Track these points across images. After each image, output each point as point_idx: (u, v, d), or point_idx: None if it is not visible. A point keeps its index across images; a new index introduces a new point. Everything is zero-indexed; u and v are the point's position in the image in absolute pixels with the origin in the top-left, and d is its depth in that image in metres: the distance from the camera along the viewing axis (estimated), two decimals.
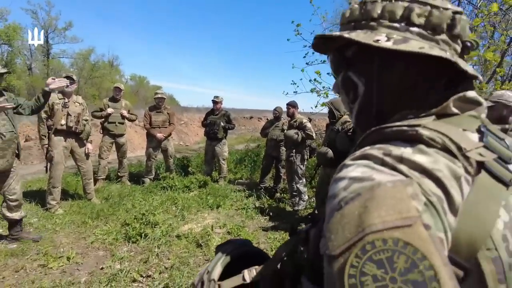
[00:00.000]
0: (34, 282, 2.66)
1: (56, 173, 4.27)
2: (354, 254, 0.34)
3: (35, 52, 35.94)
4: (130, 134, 9.81)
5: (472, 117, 0.50)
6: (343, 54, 0.59)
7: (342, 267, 0.34)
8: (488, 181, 0.41)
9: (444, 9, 0.50)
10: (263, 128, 5.95)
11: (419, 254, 0.32)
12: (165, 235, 3.54)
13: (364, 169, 0.41)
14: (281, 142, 5.52)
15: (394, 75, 0.54)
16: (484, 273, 0.38)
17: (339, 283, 0.34)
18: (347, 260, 0.34)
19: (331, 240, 0.37)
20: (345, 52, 0.58)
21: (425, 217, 0.35)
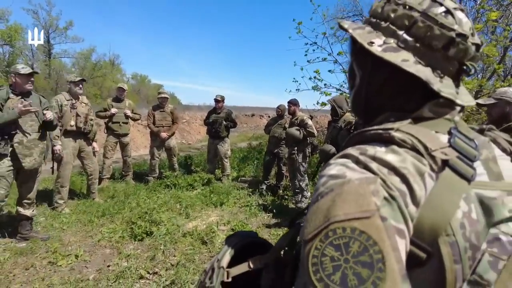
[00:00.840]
0: (44, 279, 2.73)
1: (65, 172, 4.34)
2: (319, 239, 0.41)
3: (36, 52, 36.03)
4: (133, 133, 9.88)
5: (446, 120, 0.56)
6: (355, 44, 0.63)
7: (309, 249, 0.42)
8: (451, 176, 0.47)
9: (448, 29, 0.53)
10: (267, 125, 6.02)
11: (371, 241, 0.39)
12: (170, 232, 3.60)
13: (340, 167, 0.48)
14: (283, 140, 5.59)
15: (380, 78, 0.60)
16: (442, 255, 0.44)
17: (305, 263, 0.41)
18: (313, 243, 0.41)
19: (306, 228, 0.44)
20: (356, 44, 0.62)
21: (383, 211, 0.41)
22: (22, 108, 2.95)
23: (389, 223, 0.41)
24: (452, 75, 0.56)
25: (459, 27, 0.54)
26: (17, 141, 3.11)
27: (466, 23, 0.55)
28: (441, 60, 0.55)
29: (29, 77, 3.19)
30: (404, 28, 0.56)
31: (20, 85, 3.16)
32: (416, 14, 0.55)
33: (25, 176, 3.33)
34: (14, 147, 3.09)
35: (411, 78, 0.54)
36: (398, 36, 0.57)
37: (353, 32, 0.60)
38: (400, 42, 0.56)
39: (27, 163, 3.19)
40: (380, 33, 0.59)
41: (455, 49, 0.54)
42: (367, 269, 0.37)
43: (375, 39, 0.57)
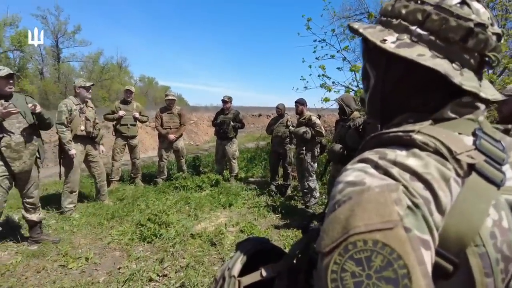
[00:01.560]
0: (55, 282, 2.75)
1: (75, 177, 4.36)
2: (338, 253, 0.38)
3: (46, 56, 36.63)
4: (141, 135, 9.95)
5: (469, 121, 0.52)
6: (367, 45, 0.61)
7: (327, 264, 0.38)
8: (478, 181, 0.44)
9: (465, 20, 0.51)
10: (268, 125, 6.02)
11: (395, 255, 0.36)
12: (179, 234, 3.60)
13: (358, 173, 0.45)
14: (286, 138, 5.58)
15: (395, 76, 0.58)
16: (472, 267, 0.41)
17: (324, 278, 0.38)
18: (332, 257, 0.38)
19: (323, 239, 0.41)
20: (368, 43, 0.60)
21: (407, 221, 0.38)
22: (3, 111, 2.89)
23: (413, 234, 0.38)
24: (473, 68, 0.53)
25: (477, 16, 0.51)
26: (4, 145, 3.03)
27: (484, 13, 0.53)
28: (460, 53, 0.52)
29: (8, 79, 3.07)
30: (417, 23, 0.54)
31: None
32: (429, 7, 0.53)
33: (21, 181, 3.29)
34: (1, 151, 3.03)
35: (429, 73, 0.51)
36: (411, 31, 0.54)
37: (364, 31, 0.58)
38: (413, 37, 0.54)
39: (16, 167, 3.12)
40: (392, 31, 0.56)
41: (474, 40, 0.51)
42: (391, 285, 0.34)
43: (387, 37, 0.55)
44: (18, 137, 3.11)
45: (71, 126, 4.29)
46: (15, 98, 3.18)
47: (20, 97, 3.28)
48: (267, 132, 6.08)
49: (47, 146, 9.89)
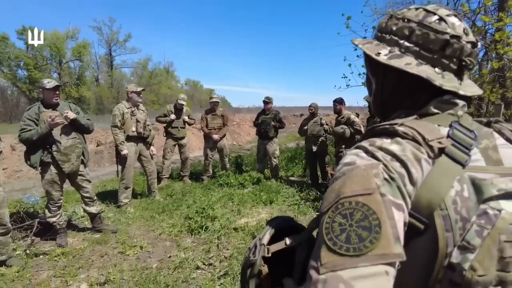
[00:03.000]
0: (116, 265, 3.10)
1: (129, 175, 4.79)
2: (331, 211, 0.52)
3: (100, 64, 39.46)
4: (188, 136, 10.45)
5: (449, 115, 0.65)
6: (367, 56, 0.75)
7: (324, 219, 0.53)
8: (446, 162, 0.56)
9: (442, 33, 0.63)
10: (301, 125, 6.08)
11: (371, 211, 0.49)
12: (223, 227, 3.84)
13: (352, 156, 0.59)
14: (321, 137, 5.59)
15: (390, 82, 0.72)
16: (436, 225, 0.54)
17: (320, 229, 0.52)
18: (327, 214, 0.53)
19: (323, 204, 0.56)
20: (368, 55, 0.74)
21: (383, 189, 0.52)
22: (51, 122, 3.27)
23: (387, 198, 0.51)
24: (454, 71, 0.65)
25: (452, 30, 0.64)
26: (55, 149, 3.43)
27: (459, 26, 0.65)
28: (440, 59, 0.65)
29: (55, 91, 3.46)
30: (404, 37, 0.67)
31: (47, 98, 3.46)
32: (413, 24, 0.66)
33: (73, 179, 3.72)
34: (53, 154, 3.44)
35: (416, 78, 0.64)
36: (400, 44, 0.68)
37: (362, 46, 0.72)
38: (402, 49, 0.67)
39: (66, 168, 3.53)
40: (385, 44, 0.70)
41: (450, 49, 0.63)
42: (366, 231, 0.48)
43: (381, 50, 0.69)
44: (66, 142, 3.51)
45: (124, 128, 4.71)
46: (61, 107, 3.57)
47: (65, 105, 3.66)
48: (300, 133, 6.16)
49: (103, 147, 10.76)
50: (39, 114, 3.39)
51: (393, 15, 0.71)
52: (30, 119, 3.35)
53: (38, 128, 3.31)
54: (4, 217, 3.05)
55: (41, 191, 5.94)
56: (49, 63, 33.05)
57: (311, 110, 5.86)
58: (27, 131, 3.30)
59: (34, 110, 3.42)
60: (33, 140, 3.29)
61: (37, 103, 3.51)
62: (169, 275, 2.90)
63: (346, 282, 0.45)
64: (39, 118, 3.37)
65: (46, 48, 31.76)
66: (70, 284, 2.80)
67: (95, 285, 2.77)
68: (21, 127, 3.34)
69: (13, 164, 9.18)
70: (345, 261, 0.47)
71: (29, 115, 3.37)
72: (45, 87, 3.41)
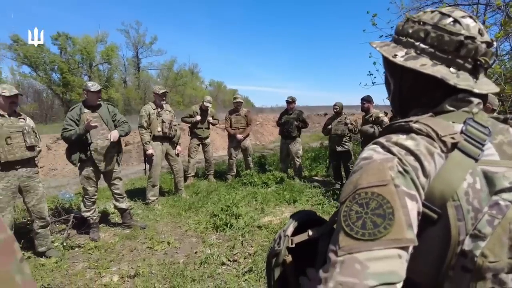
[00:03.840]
0: (144, 260, 3.24)
1: (156, 173, 4.96)
2: (349, 200, 0.57)
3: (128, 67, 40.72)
4: (212, 136, 10.64)
5: (464, 112, 0.68)
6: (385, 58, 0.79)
7: (342, 208, 0.58)
8: (459, 156, 0.60)
9: (456, 35, 0.66)
10: (325, 125, 6.02)
11: (385, 200, 0.54)
12: (247, 225, 3.90)
13: (370, 151, 0.64)
14: (345, 137, 5.54)
15: (407, 82, 0.75)
16: (449, 215, 0.57)
17: (339, 216, 0.57)
18: (345, 204, 0.58)
19: (342, 195, 0.61)
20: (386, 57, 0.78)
21: (397, 181, 0.56)
22: (88, 125, 3.46)
23: (401, 189, 0.55)
24: (469, 70, 0.68)
25: (466, 31, 0.66)
26: (92, 149, 3.65)
27: (474, 27, 0.67)
28: (455, 60, 0.68)
29: (98, 94, 3.70)
30: (420, 39, 0.71)
31: (91, 100, 3.69)
32: (428, 27, 0.70)
33: (107, 177, 3.93)
34: (91, 153, 3.67)
35: (431, 78, 0.67)
36: (416, 46, 0.71)
37: (380, 49, 0.76)
38: (418, 50, 0.71)
39: (102, 167, 3.75)
40: (401, 46, 0.74)
41: (465, 49, 0.66)
42: (381, 218, 0.53)
43: (398, 52, 0.73)
44: (102, 142, 3.71)
45: (150, 128, 4.89)
46: (101, 108, 3.79)
47: (104, 106, 3.88)
48: (324, 133, 6.10)
49: (131, 147, 11.15)
50: (81, 115, 3.62)
51: (410, 18, 0.75)
52: (72, 119, 3.59)
53: (77, 128, 3.54)
54: (43, 211, 3.27)
55: (75, 188, 6.27)
56: (80, 67, 34.46)
57: (336, 109, 5.80)
58: (68, 131, 3.53)
59: (76, 111, 3.65)
60: (72, 139, 3.53)
61: (79, 104, 3.75)
62: (195, 270, 2.99)
63: (361, 263, 0.50)
64: (80, 118, 3.60)
65: (78, 52, 33.20)
66: (103, 275, 2.96)
67: (126, 277, 2.91)
68: (64, 126, 3.59)
69: (49, 163, 9.70)
70: (361, 244, 0.51)
71: (71, 115, 3.61)
72: (89, 90, 3.64)
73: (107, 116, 3.80)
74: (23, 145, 3.07)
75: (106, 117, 3.78)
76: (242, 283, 2.76)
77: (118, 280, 2.89)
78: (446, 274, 0.58)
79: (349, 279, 0.49)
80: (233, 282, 2.75)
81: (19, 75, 31.46)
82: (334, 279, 0.50)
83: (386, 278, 0.48)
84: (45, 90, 33.64)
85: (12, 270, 0.34)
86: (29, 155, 3.13)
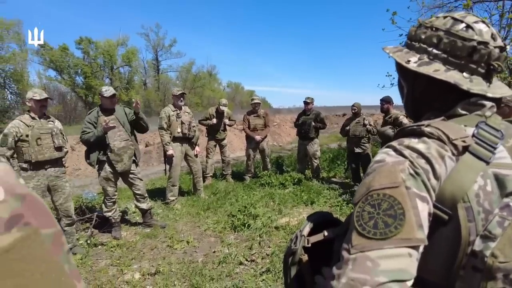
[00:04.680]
0: (164, 258, 3.32)
1: (175, 173, 5.07)
2: (361, 201, 0.60)
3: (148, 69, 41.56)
4: (230, 137, 10.74)
5: (476, 116, 0.69)
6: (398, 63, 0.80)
7: (355, 209, 0.60)
8: (470, 159, 0.61)
9: (469, 41, 0.67)
10: (343, 126, 5.97)
11: (396, 201, 0.56)
12: (265, 226, 3.93)
13: (383, 155, 0.66)
14: (364, 138, 5.48)
15: (420, 87, 0.77)
16: (459, 216, 0.59)
17: (352, 217, 0.59)
18: (358, 205, 0.60)
19: (355, 196, 0.63)
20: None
21: (408, 183, 0.58)
22: (105, 126, 3.56)
23: (412, 191, 0.57)
24: (482, 75, 0.69)
25: (479, 36, 0.67)
26: (110, 150, 3.75)
27: (487, 32, 0.68)
28: (468, 65, 0.68)
29: (112, 98, 3.79)
30: (433, 45, 0.72)
31: (105, 104, 3.80)
32: (441, 33, 0.71)
33: (125, 178, 4.02)
34: (108, 155, 3.76)
35: (444, 83, 0.69)
36: (429, 52, 0.72)
37: (393, 54, 0.78)
38: (431, 56, 0.72)
39: (119, 167, 3.83)
40: (414, 52, 0.75)
41: (478, 54, 0.67)
42: (392, 219, 0.55)
43: (411, 57, 0.74)
44: (119, 143, 3.81)
45: (170, 129, 4.99)
46: (117, 110, 3.90)
47: (120, 108, 3.98)
48: (342, 133, 6.06)
49: (151, 148, 11.39)
50: (98, 118, 3.73)
51: (422, 24, 0.76)
52: (90, 122, 3.71)
53: (95, 130, 3.65)
54: (70, 210, 3.41)
55: (97, 187, 6.46)
56: (102, 69, 35.47)
57: (354, 110, 5.74)
58: (86, 133, 3.66)
59: (93, 114, 3.77)
60: (91, 141, 3.65)
61: (97, 108, 3.87)
62: (213, 269, 3.05)
63: (373, 261, 0.52)
64: (98, 121, 3.71)
65: (100, 55, 34.20)
66: (125, 273, 3.05)
67: (147, 275, 3.00)
68: (82, 129, 3.72)
69: (73, 163, 10.04)
70: (372, 243, 0.54)
71: (89, 118, 3.74)
72: (103, 95, 3.75)
73: (124, 119, 3.91)
74: (52, 146, 3.23)
75: (122, 119, 3.88)
76: (260, 283, 2.78)
77: (139, 277, 2.97)
78: (457, 274, 0.60)
79: (360, 275, 0.51)
80: (251, 282, 2.78)
81: (45, 78, 32.86)
82: (347, 275, 0.52)
83: (397, 275, 0.50)
84: (69, 93, 34.86)
85: (61, 260, 0.38)
86: (57, 155, 3.28)
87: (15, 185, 0.38)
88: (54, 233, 0.39)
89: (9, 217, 0.34)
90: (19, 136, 3.08)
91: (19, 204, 0.36)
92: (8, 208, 0.35)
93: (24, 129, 3.10)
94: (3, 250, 0.33)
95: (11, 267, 0.33)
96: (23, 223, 0.35)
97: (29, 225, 0.36)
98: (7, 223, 0.34)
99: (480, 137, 0.63)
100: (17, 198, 0.36)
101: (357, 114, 5.73)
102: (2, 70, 24.62)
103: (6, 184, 0.37)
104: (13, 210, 0.35)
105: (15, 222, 0.35)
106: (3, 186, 0.36)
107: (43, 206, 0.40)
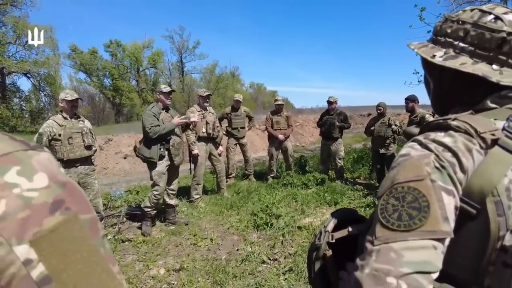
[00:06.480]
0: (189, 255, 3.39)
1: (200, 172, 5.16)
2: (386, 195, 0.59)
3: (173, 71, 42.38)
4: (252, 137, 10.79)
5: (507, 109, 0.66)
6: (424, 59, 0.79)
7: (379, 202, 0.60)
8: (500, 152, 0.59)
9: (497, 32, 0.65)
10: (367, 126, 5.86)
11: (421, 194, 0.55)
12: (287, 225, 3.92)
13: (408, 149, 0.64)
14: (389, 138, 5.34)
15: (447, 82, 0.75)
16: (488, 210, 0.56)
17: (377, 210, 0.59)
18: (382, 198, 0.59)
19: (380, 190, 0.62)
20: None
21: (433, 176, 0.57)
22: (179, 121, 3.77)
23: (437, 184, 0.56)
24: None
25: (509, 27, 0.65)
26: (172, 144, 3.94)
27: None
28: (497, 56, 0.66)
29: (169, 94, 4.01)
30: (459, 39, 0.70)
31: (163, 101, 3.97)
32: (468, 25, 0.69)
33: (172, 171, 4.14)
34: (170, 149, 3.93)
35: (472, 76, 0.67)
36: (455, 45, 0.71)
37: (418, 50, 0.77)
38: (457, 49, 0.70)
39: (176, 161, 4.02)
40: (440, 47, 0.74)
41: (508, 45, 0.65)
42: (416, 211, 0.54)
43: (436, 52, 0.73)
44: (177, 138, 4.03)
45: (195, 129, 5.09)
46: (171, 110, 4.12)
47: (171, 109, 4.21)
48: (366, 133, 5.96)
49: None
50: (160, 113, 3.94)
51: (448, 18, 0.74)
52: (155, 116, 3.89)
53: (164, 125, 3.86)
54: (98, 206, 3.56)
55: (124, 186, 6.67)
56: (129, 71, 36.53)
57: (380, 109, 5.63)
58: (156, 126, 3.82)
59: (156, 109, 3.96)
60: (162, 133, 3.82)
61: (154, 104, 4.06)
62: (236, 267, 3.08)
63: (396, 252, 0.52)
64: (159, 117, 3.91)
65: (127, 58, 35.27)
66: (151, 268, 3.14)
67: (172, 271, 3.06)
68: (149, 121, 3.83)
69: (101, 162, 10.41)
70: (396, 235, 0.53)
71: (154, 112, 3.91)
72: (162, 91, 3.98)
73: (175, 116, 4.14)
74: (82, 145, 3.38)
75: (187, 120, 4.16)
76: (282, 281, 2.78)
77: (164, 273, 3.04)
78: (487, 270, 0.58)
79: (384, 266, 0.51)
80: (273, 281, 2.78)
81: (76, 81, 34.26)
82: (370, 266, 0.52)
83: (421, 267, 0.50)
84: (98, 95, 36.12)
85: (98, 244, 0.41)
86: (87, 153, 3.43)
87: (57, 173, 0.41)
88: (91, 218, 0.41)
89: (52, 202, 0.38)
90: (53, 136, 3.25)
91: (61, 190, 0.39)
92: (52, 193, 0.38)
93: (57, 128, 3.27)
94: (49, 231, 0.36)
95: (56, 247, 0.37)
96: (64, 207, 0.39)
97: (69, 210, 0.39)
98: (51, 207, 0.37)
99: (511, 130, 0.61)
100: (59, 185, 0.40)
101: (382, 114, 5.62)
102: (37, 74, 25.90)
103: (50, 172, 0.40)
104: (55, 195, 0.38)
105: (58, 206, 0.38)
106: (47, 173, 0.39)
107: (81, 194, 0.43)
